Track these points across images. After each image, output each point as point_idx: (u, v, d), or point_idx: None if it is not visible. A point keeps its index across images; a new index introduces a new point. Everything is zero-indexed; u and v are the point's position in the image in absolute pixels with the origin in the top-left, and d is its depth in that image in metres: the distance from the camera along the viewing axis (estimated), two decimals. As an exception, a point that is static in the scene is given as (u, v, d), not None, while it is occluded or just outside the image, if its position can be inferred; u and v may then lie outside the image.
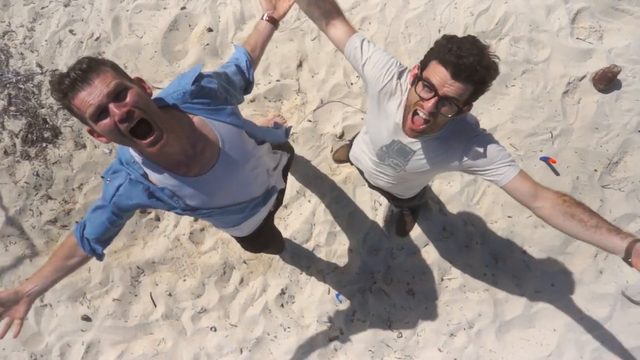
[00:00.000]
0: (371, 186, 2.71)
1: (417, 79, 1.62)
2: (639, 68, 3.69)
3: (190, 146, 1.59)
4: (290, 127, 2.55)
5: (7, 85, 3.60)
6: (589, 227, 1.60)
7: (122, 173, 1.62)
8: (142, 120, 1.38)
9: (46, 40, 3.68)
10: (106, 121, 1.36)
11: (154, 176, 1.62)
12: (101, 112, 1.35)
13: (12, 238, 3.57)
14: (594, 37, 3.79)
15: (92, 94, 1.33)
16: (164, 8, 3.76)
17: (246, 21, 3.76)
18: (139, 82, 1.49)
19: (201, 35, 3.72)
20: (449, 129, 1.80)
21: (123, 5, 3.75)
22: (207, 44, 3.70)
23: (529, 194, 1.74)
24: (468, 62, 1.48)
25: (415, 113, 1.67)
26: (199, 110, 1.64)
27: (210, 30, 3.73)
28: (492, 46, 3.70)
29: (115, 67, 1.42)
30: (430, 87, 1.56)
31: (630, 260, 1.50)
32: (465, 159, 1.82)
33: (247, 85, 1.98)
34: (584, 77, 3.71)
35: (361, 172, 2.65)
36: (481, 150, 1.79)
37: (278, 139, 2.14)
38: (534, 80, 3.72)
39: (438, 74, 1.54)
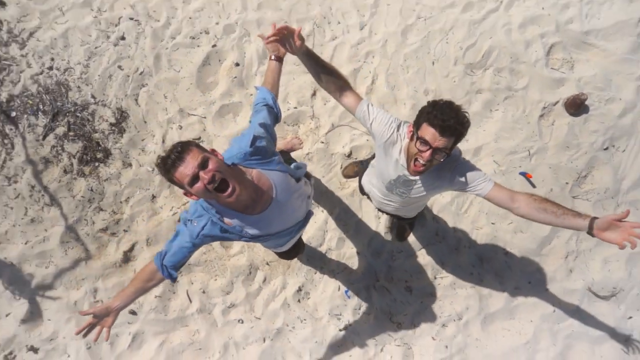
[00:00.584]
0: (380, 211, 3.33)
1: (415, 137, 2.23)
2: (605, 95, 4.29)
3: (254, 193, 2.16)
4: (305, 165, 3.13)
5: (67, 114, 4.26)
6: (559, 216, 2.18)
7: (205, 217, 2.20)
8: (222, 179, 1.96)
9: (99, 75, 4.33)
10: (198, 185, 1.93)
11: (227, 217, 2.21)
12: (194, 179, 1.94)
13: (70, 244, 4.20)
14: (566, 67, 4.39)
15: (187, 168, 1.92)
16: (198, 46, 4.40)
17: (267, 57, 4.39)
18: (213, 152, 2.06)
19: (229, 69, 4.36)
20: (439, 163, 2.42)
21: (163, 44, 4.39)
22: (235, 77, 4.34)
23: (507, 198, 2.33)
24: (450, 124, 2.09)
25: (416, 159, 2.28)
26: (256, 164, 2.23)
27: (237, 64, 4.37)
28: (477, 76, 4.33)
29: (197, 145, 2.00)
30: (425, 142, 2.17)
31: (592, 232, 2.09)
32: (453, 182, 2.43)
33: (277, 117, 2.57)
34: (557, 102, 4.31)
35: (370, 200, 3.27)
36: (463, 174, 2.40)
37: (301, 173, 2.72)
38: (514, 105, 4.32)
39: (429, 133, 2.14)
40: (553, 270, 4.11)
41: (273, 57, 2.55)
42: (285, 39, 2.31)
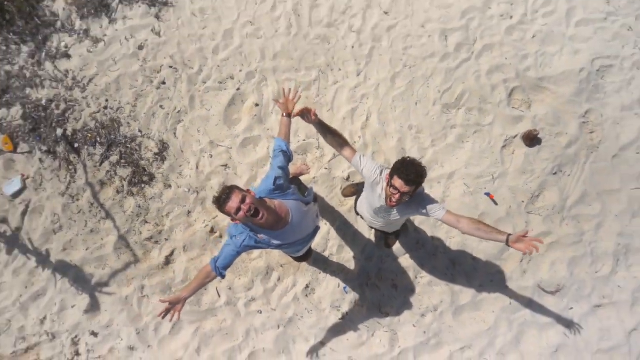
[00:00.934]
0: (370, 227, 4.37)
1: (389, 183, 3.25)
2: (554, 129, 5.31)
3: (276, 216, 3.15)
4: (312, 189, 4.14)
5: (119, 145, 5.30)
6: (488, 233, 3.19)
7: (244, 233, 3.20)
8: (255, 209, 2.98)
9: (144, 113, 5.37)
10: (240, 214, 2.92)
11: (259, 233, 3.20)
12: (237, 210, 2.92)
13: (122, 250, 5.23)
14: (524, 107, 5.41)
15: (233, 203, 2.91)
16: (225, 89, 5.44)
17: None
18: (248, 191, 3.03)
19: (251, 108, 5.39)
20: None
21: (196, 87, 5.43)
22: (255, 115, 5.37)
23: (454, 221, 3.33)
24: (412, 178, 3.08)
25: (390, 198, 3.30)
26: (277, 196, 3.25)
27: (257, 105, 5.40)
28: (452, 114, 5.35)
29: (238, 187, 2.99)
30: (396, 188, 3.18)
31: (508, 244, 3.09)
32: (418, 211, 3.45)
33: (290, 159, 3.54)
34: (516, 136, 5.33)
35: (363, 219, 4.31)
36: (425, 206, 3.41)
37: (310, 199, 3.74)
38: (482, 138, 5.34)
39: (398, 183, 3.13)
40: (511, 272, 5.12)
41: (284, 115, 3.56)
42: (304, 115, 3.34)
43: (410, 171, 3.08)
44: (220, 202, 2.98)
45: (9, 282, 5.19)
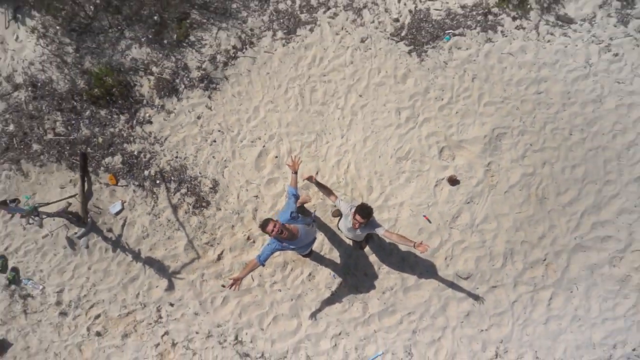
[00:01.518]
0: (347, 237, 7.34)
1: (354, 216, 6.15)
2: (469, 174, 8.32)
3: (292, 234, 5.94)
4: (314, 213, 7.13)
5: (186, 182, 8.17)
6: (405, 241, 6.02)
7: (275, 242, 5.96)
8: (281, 230, 5.79)
9: (202, 161, 8.27)
10: (273, 233, 5.68)
11: (282, 242, 6.02)
12: (271, 231, 5.69)
13: (189, 250, 8.06)
14: (450, 159, 8.42)
15: (269, 227, 5.66)
16: (255, 146, 8.34)
17: (292, 152, 8.36)
18: (277, 221, 5.81)
19: (272, 159, 8.30)
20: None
21: (236, 144, 8.34)
22: (275, 164, 8.30)
23: (388, 235, 6.16)
24: (365, 214, 5.90)
25: (354, 224, 6.20)
26: (292, 222, 6.04)
27: (276, 157, 8.32)
28: (402, 164, 8.32)
29: (271, 219, 5.75)
30: (356, 219, 6.05)
31: (415, 247, 6.01)
32: (370, 229, 6.34)
33: (297, 198, 6.41)
34: (443, 178, 8.32)
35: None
36: (373, 228, 6.26)
37: (310, 221, 6.65)
38: (423, 179, 8.32)
39: (358, 217, 5.93)
40: (439, 264, 8.05)
41: (292, 172, 6.47)
42: (310, 179, 6.28)
43: (364, 211, 5.95)
44: (263, 226, 5.78)
45: (114, 270, 8.00)
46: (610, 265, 7.93)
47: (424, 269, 7.98)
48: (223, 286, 7.64)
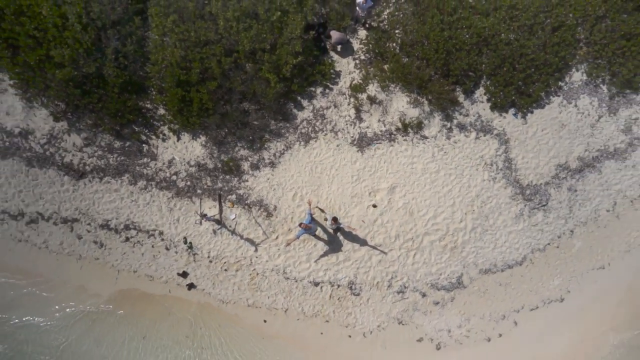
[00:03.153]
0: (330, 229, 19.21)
1: (332, 220, 17.87)
2: (382, 203, 20.19)
3: (308, 228, 17.29)
4: (314, 218, 18.87)
5: (263, 207, 19.97)
6: (351, 228, 17.78)
7: (301, 230, 17.23)
8: (305, 227, 17.49)
9: (272, 196, 20.11)
10: (302, 227, 17.25)
11: (305, 231, 17.84)
12: (301, 225, 17.47)
13: (266, 233, 19.87)
14: (373, 196, 20.27)
15: (301, 225, 17.41)
16: (291, 191, 20.18)
17: (307, 195, 20.12)
18: (302, 224, 17.57)
19: (296, 197, 20.14)
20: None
21: (281, 191, 20.14)
22: (300, 200, 20.13)
23: (346, 227, 18.10)
24: (335, 219, 17.55)
25: (332, 224, 17.94)
26: (308, 223, 17.82)
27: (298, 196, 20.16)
28: (370, 202, 20.15)
29: (302, 223, 17.57)
30: (332, 221, 17.81)
31: (353, 231, 17.84)
32: (338, 224, 18.18)
33: (312, 215, 18.19)
34: (371, 204, 20.15)
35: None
36: (339, 223, 18.16)
37: (314, 224, 18.37)
38: (362, 205, 20.12)
39: (332, 220, 17.61)
40: (367, 238, 19.87)
41: (308, 204, 18.20)
42: (310, 203, 18.12)
43: (335, 218, 17.68)
44: (300, 224, 17.59)
45: (235, 242, 19.89)
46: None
47: (361, 241, 19.72)
48: (287, 245, 19.32)
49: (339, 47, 19.72)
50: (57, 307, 19.59)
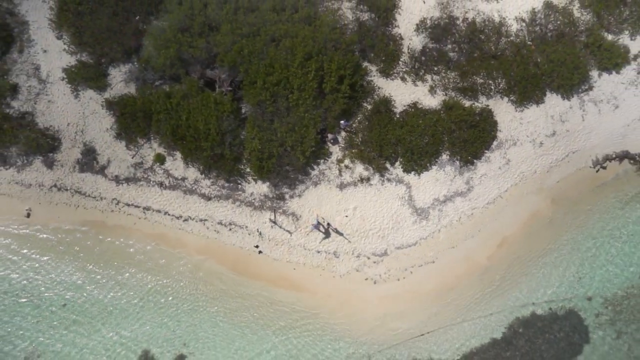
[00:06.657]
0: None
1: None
2: (346, 215, 43.13)
3: (318, 223, 40.48)
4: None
5: (290, 214, 43.01)
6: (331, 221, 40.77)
7: (311, 227, 40.81)
8: (317, 223, 40.46)
9: (296, 206, 43.20)
10: (312, 224, 40.52)
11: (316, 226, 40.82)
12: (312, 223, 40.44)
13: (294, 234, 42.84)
14: (349, 212, 43.24)
15: (315, 222, 40.63)
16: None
17: (315, 209, 43.01)
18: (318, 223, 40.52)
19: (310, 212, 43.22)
20: None
21: (300, 205, 43.18)
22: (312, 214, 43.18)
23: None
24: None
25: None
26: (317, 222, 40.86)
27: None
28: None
29: (313, 223, 40.65)
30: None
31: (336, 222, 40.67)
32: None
33: (318, 221, 40.91)
34: (344, 215, 43.08)
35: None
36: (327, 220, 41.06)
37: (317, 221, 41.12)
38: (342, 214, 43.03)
39: (326, 224, 40.75)
40: (349, 234, 42.77)
41: (315, 214, 41.13)
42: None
43: (328, 223, 40.70)
44: (312, 224, 40.42)
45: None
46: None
47: (340, 234, 42.44)
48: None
49: (332, 141, 42.83)
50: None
